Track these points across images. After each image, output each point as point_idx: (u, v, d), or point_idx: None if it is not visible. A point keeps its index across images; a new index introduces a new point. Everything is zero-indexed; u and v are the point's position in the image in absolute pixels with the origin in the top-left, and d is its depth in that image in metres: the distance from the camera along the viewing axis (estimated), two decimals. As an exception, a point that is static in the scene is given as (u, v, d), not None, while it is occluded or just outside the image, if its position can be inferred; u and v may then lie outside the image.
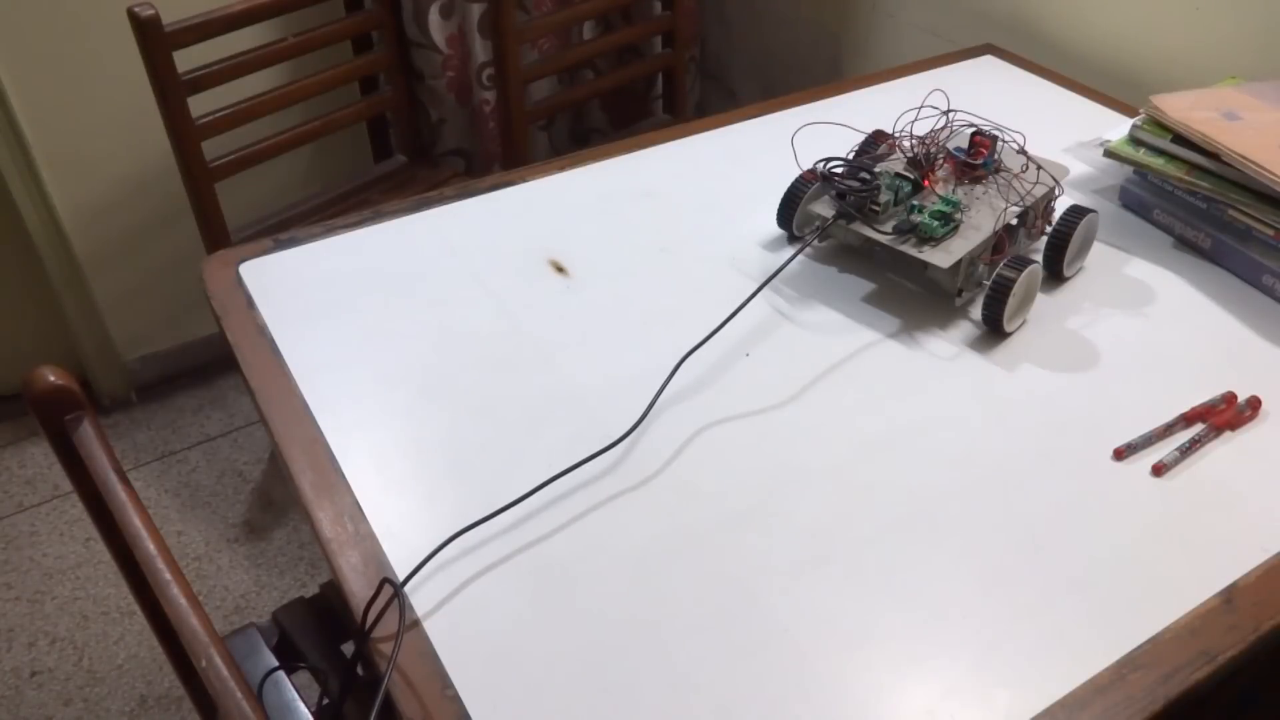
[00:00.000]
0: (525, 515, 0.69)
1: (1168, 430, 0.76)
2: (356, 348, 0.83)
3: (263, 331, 0.84)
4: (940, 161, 0.92)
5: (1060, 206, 0.92)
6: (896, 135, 0.96)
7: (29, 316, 1.79)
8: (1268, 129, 0.92)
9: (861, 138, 0.98)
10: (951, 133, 0.94)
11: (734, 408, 0.78)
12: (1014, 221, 0.89)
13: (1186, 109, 0.95)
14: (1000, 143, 0.92)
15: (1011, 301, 0.82)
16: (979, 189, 0.90)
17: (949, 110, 0.99)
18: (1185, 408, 0.78)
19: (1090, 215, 0.90)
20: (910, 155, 0.92)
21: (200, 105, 1.32)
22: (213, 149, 1.37)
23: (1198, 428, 0.76)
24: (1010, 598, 0.64)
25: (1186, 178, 0.93)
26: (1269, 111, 0.95)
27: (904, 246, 0.84)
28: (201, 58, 1.31)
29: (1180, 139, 0.94)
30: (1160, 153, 0.96)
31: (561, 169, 1.06)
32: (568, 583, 0.65)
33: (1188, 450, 0.74)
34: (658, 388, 0.77)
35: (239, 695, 0.55)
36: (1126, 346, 0.84)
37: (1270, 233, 0.88)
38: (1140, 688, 0.59)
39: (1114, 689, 0.59)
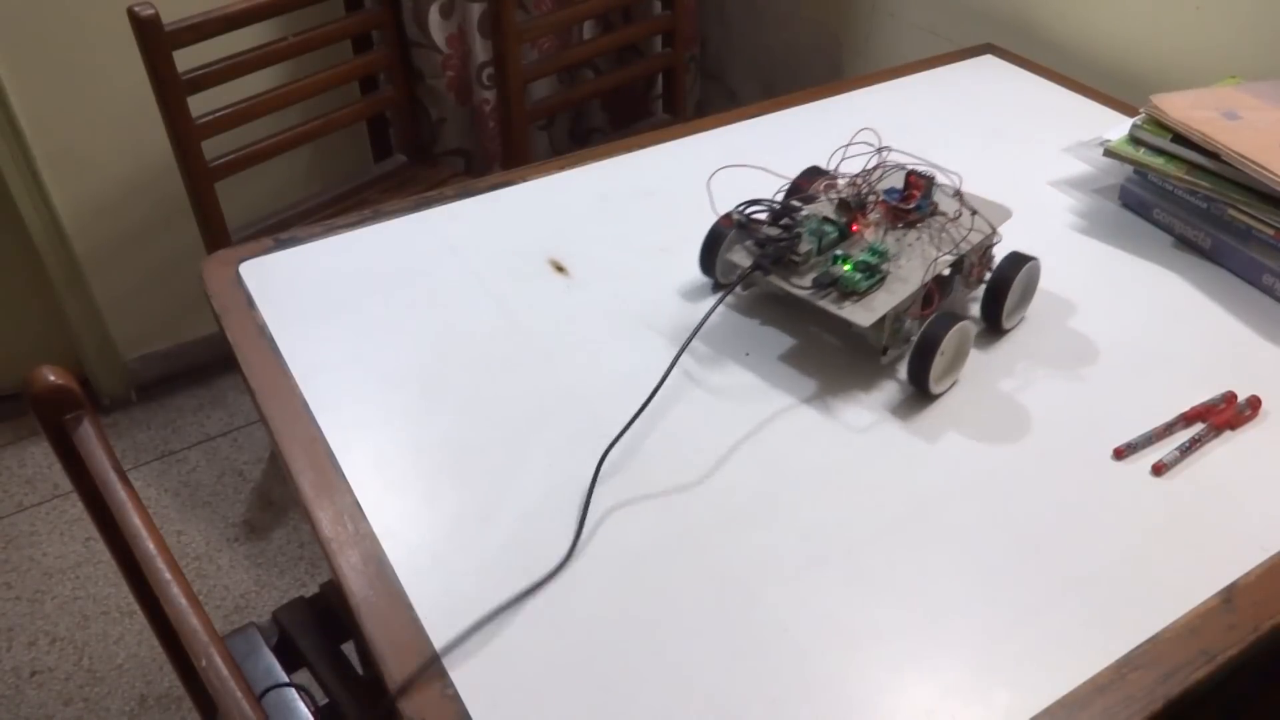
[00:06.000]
0: (526, 516, 0.69)
1: (1168, 430, 0.76)
2: (356, 348, 0.83)
3: (263, 331, 0.84)
4: (873, 204, 0.84)
5: (1007, 249, 0.85)
6: (833, 172, 0.88)
7: (29, 316, 1.79)
8: (1268, 129, 0.92)
9: (787, 173, 0.91)
10: (884, 173, 0.87)
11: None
12: (946, 272, 0.82)
13: (1186, 108, 0.95)
14: (935, 183, 0.85)
15: (939, 362, 0.76)
16: (912, 234, 0.82)
17: (881, 148, 0.89)
18: (1185, 407, 0.78)
19: (1031, 263, 0.83)
20: (840, 197, 0.84)
21: (200, 105, 1.32)
22: (213, 149, 1.37)
23: (1198, 427, 0.76)
24: (1010, 598, 0.64)
25: (1186, 177, 0.93)
26: (1269, 111, 0.95)
27: (823, 302, 0.77)
28: (201, 58, 1.31)
29: (1180, 138, 0.94)
30: (1160, 152, 0.96)
31: (561, 169, 1.06)
32: (567, 583, 0.65)
33: (1188, 450, 0.74)
34: (652, 388, 0.76)
35: (239, 695, 0.55)
36: (1126, 346, 0.84)
37: (1270, 232, 0.88)
38: (1140, 687, 0.59)
39: (1114, 689, 0.59)
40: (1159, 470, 0.73)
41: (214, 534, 1.63)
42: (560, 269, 0.92)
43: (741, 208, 0.84)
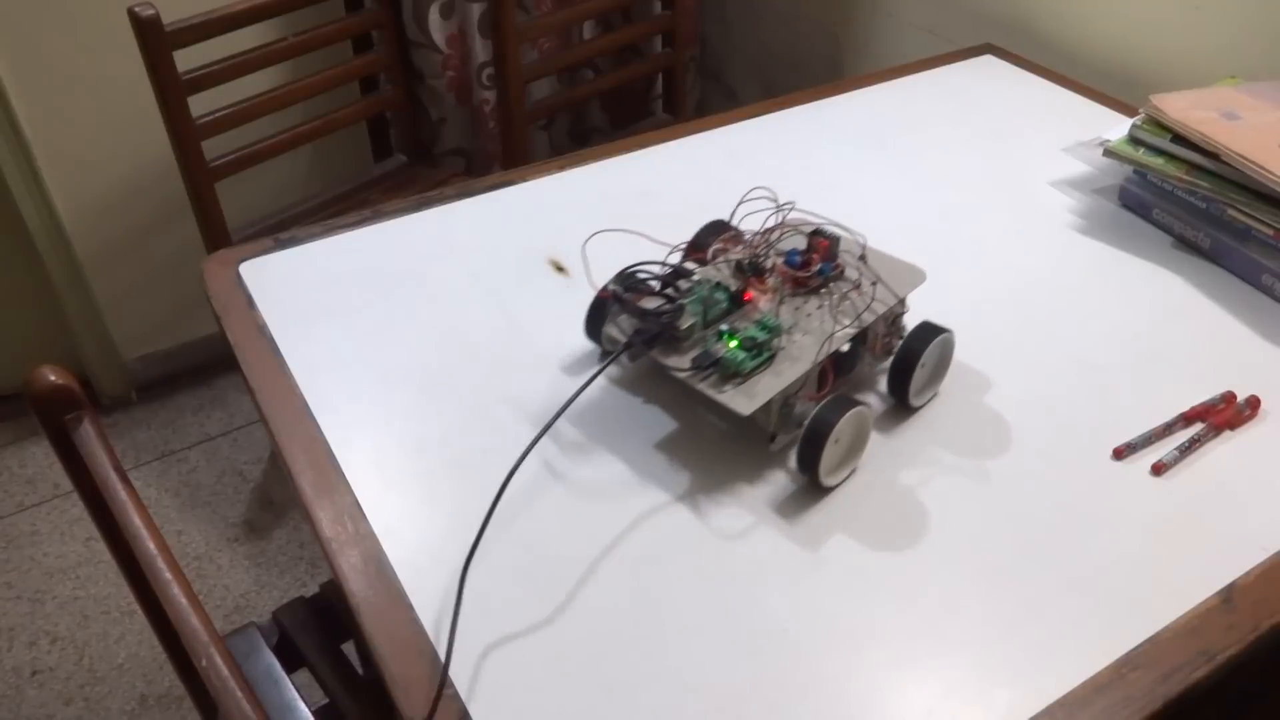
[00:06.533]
0: (525, 515, 0.69)
1: (1167, 430, 0.76)
2: (356, 348, 0.83)
3: (263, 331, 0.84)
4: (771, 269, 0.75)
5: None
6: (734, 228, 0.80)
7: (29, 316, 1.79)
8: (1267, 129, 0.92)
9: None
10: (783, 234, 0.78)
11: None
12: (845, 348, 0.74)
13: (1186, 109, 0.95)
14: (841, 245, 0.77)
15: (832, 451, 0.68)
16: (813, 303, 0.74)
17: (784, 205, 0.79)
18: (1185, 407, 0.78)
19: (944, 336, 0.75)
20: (736, 260, 0.76)
21: (200, 105, 1.32)
22: (213, 149, 1.37)
23: (1197, 427, 0.76)
24: (1010, 597, 0.64)
25: (1186, 177, 0.93)
26: (1269, 111, 0.95)
27: (701, 385, 0.68)
28: (201, 58, 1.31)
29: (1180, 139, 0.94)
30: (1160, 152, 0.96)
31: (561, 169, 1.06)
32: (567, 582, 0.65)
33: (1187, 450, 0.74)
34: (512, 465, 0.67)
35: (239, 695, 0.55)
36: (1126, 346, 0.84)
37: (1270, 232, 0.88)
38: (1140, 687, 0.59)
39: (1114, 688, 0.59)
40: (1159, 470, 0.73)
41: (214, 534, 1.63)
42: (560, 269, 0.92)
43: (629, 270, 0.76)
